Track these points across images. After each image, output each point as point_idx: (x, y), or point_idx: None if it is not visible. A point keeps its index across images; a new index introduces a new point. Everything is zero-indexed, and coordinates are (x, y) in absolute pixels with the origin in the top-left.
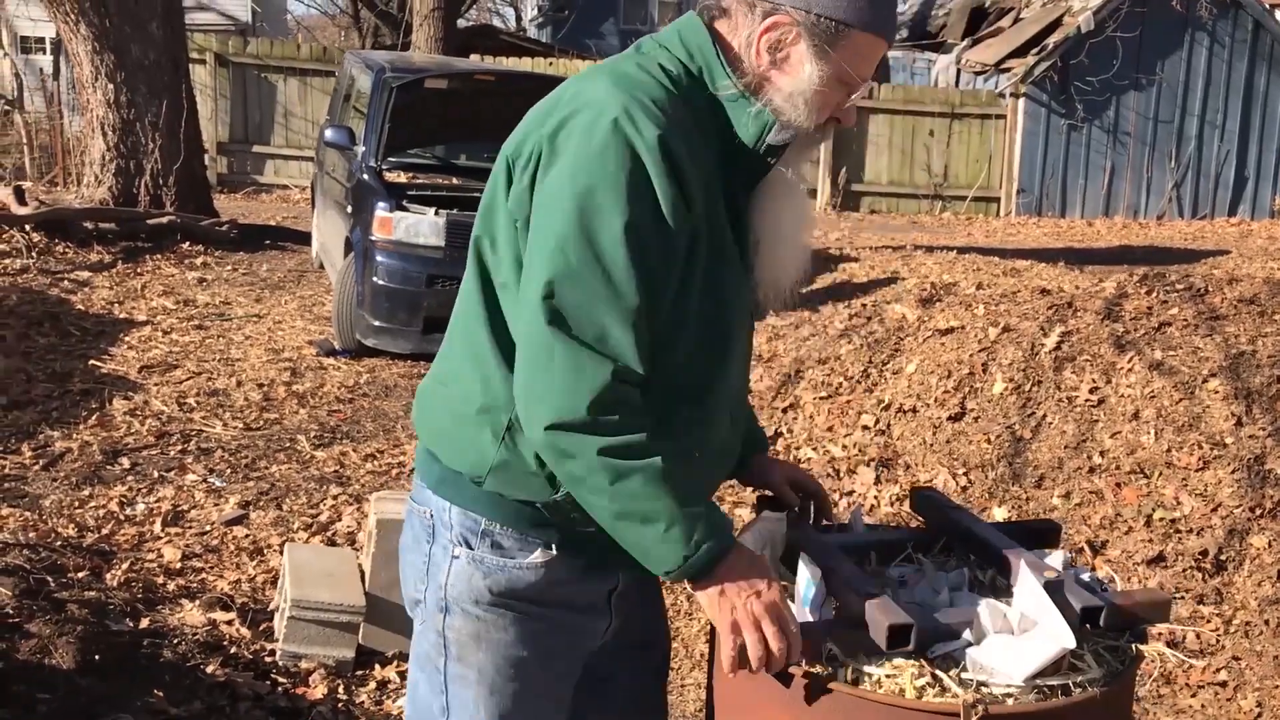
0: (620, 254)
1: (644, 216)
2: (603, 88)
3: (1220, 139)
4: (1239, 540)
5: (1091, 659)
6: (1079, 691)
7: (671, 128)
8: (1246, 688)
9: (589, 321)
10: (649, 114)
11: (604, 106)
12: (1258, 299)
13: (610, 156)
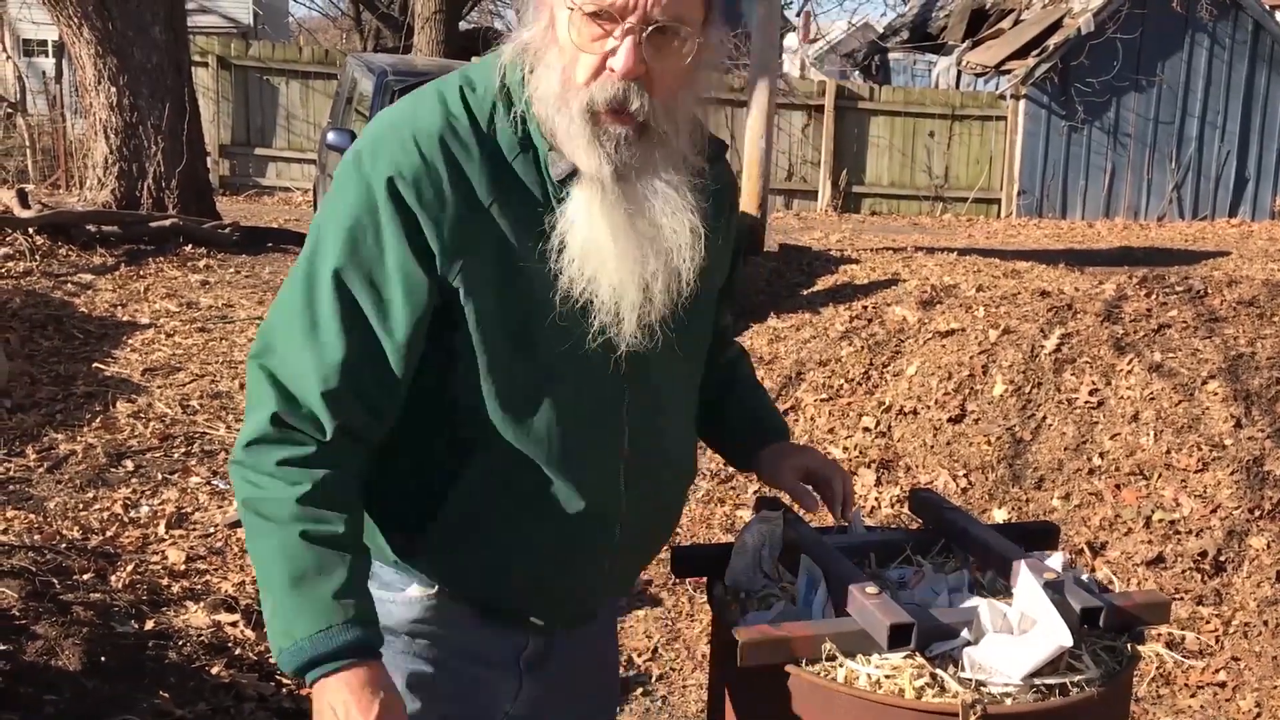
0: (325, 300)
1: (360, 263)
2: (379, 116)
3: (1221, 140)
4: (1238, 541)
5: (1089, 659)
6: (1077, 691)
7: (414, 165)
8: (1245, 688)
9: (282, 362)
10: (391, 150)
11: (361, 139)
12: (1257, 301)
13: (340, 195)
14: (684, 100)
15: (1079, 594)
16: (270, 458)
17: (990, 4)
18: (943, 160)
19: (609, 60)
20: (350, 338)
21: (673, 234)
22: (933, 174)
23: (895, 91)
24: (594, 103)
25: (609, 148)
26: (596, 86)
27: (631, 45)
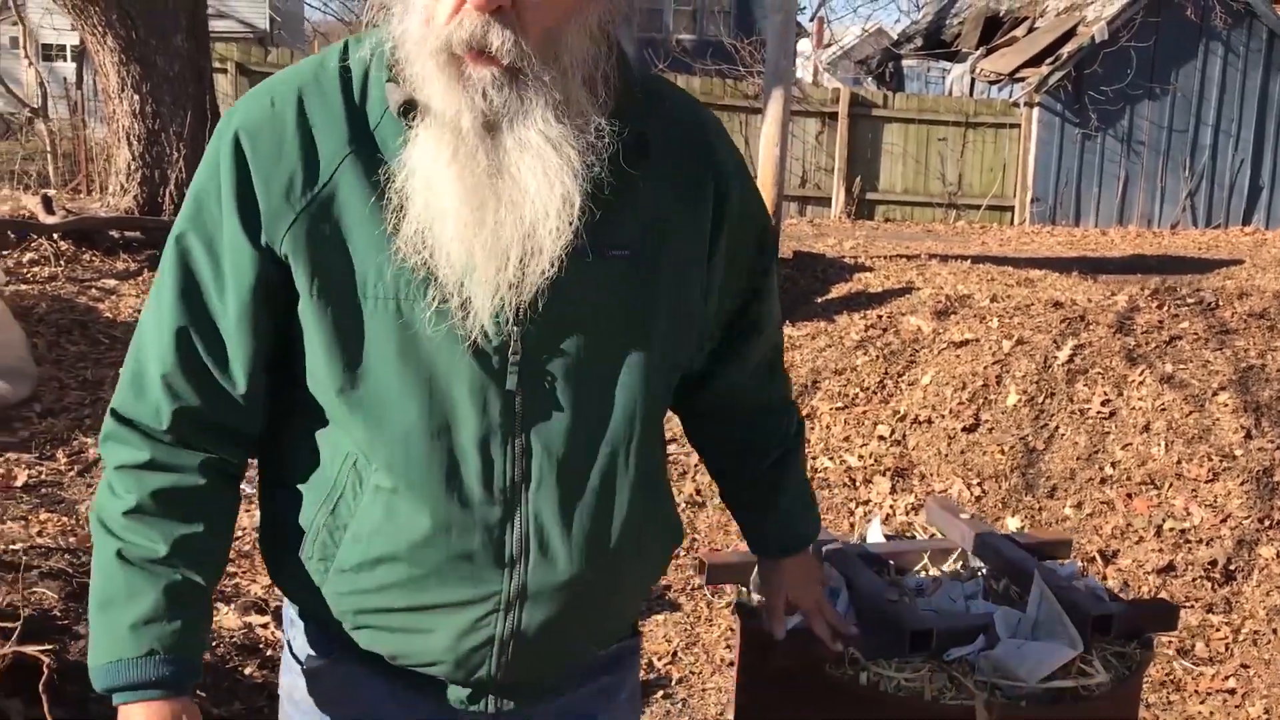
0: (168, 269)
1: (201, 228)
2: None
3: (1235, 148)
4: (1248, 550)
5: (1100, 664)
6: (1087, 695)
7: (260, 117)
8: (1254, 695)
9: (137, 338)
10: (247, 104)
11: None
12: (1267, 313)
13: (206, 156)
14: (570, 35)
15: (1090, 601)
16: (112, 458)
17: (1004, 12)
18: (956, 167)
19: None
20: (187, 310)
21: (539, 198)
22: (946, 181)
23: (909, 99)
24: (450, 42)
25: (473, 93)
26: (455, 24)
27: None
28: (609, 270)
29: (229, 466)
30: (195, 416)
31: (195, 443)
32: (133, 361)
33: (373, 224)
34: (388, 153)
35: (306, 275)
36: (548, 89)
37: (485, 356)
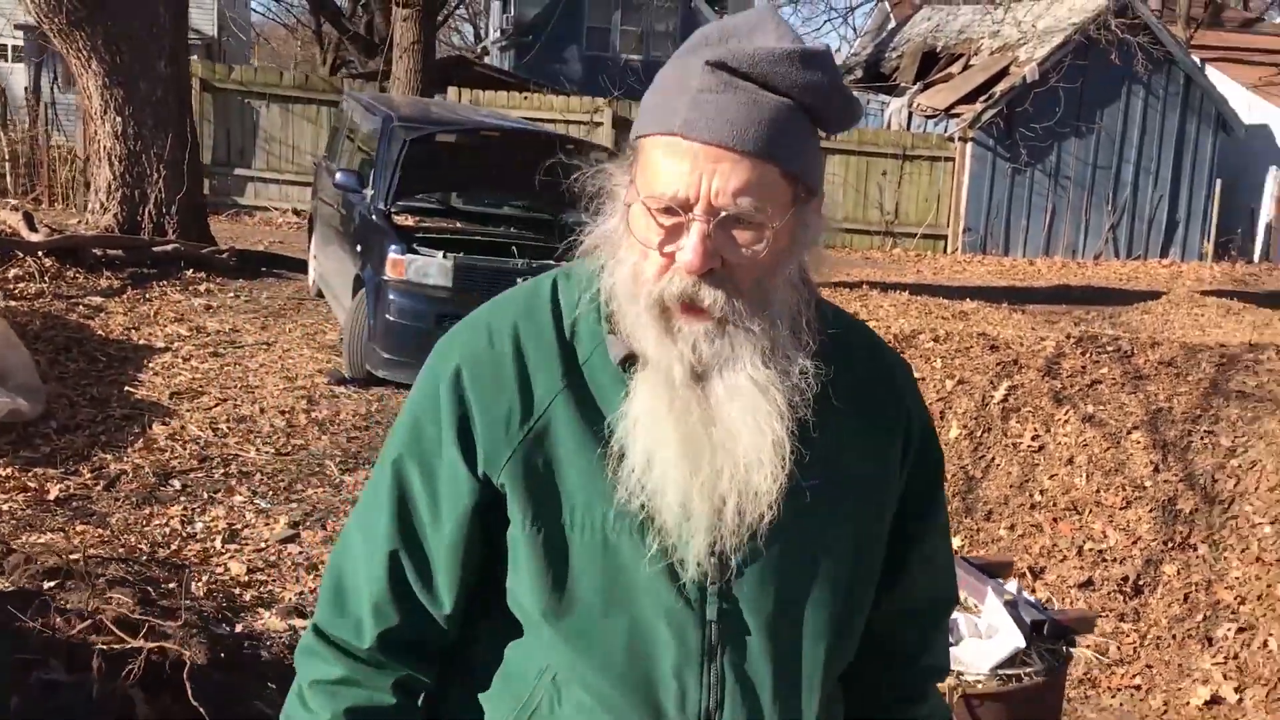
0: (383, 490)
1: (420, 454)
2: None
3: (1154, 185)
4: (1154, 568)
5: (1036, 657)
6: (1028, 679)
7: (478, 353)
8: (1156, 690)
9: (342, 554)
10: (463, 338)
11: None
12: (1175, 361)
13: (416, 383)
14: (778, 285)
15: (1029, 610)
16: (307, 672)
17: (940, 48)
18: (894, 197)
19: (677, 255)
20: (400, 534)
21: (752, 445)
22: (884, 210)
23: (850, 132)
24: (663, 298)
25: (683, 345)
26: (666, 280)
27: (699, 239)
28: (800, 501)
29: (419, 684)
30: (396, 636)
31: (392, 661)
32: (334, 575)
33: (583, 458)
34: (596, 389)
35: (521, 505)
36: (756, 337)
37: (687, 589)
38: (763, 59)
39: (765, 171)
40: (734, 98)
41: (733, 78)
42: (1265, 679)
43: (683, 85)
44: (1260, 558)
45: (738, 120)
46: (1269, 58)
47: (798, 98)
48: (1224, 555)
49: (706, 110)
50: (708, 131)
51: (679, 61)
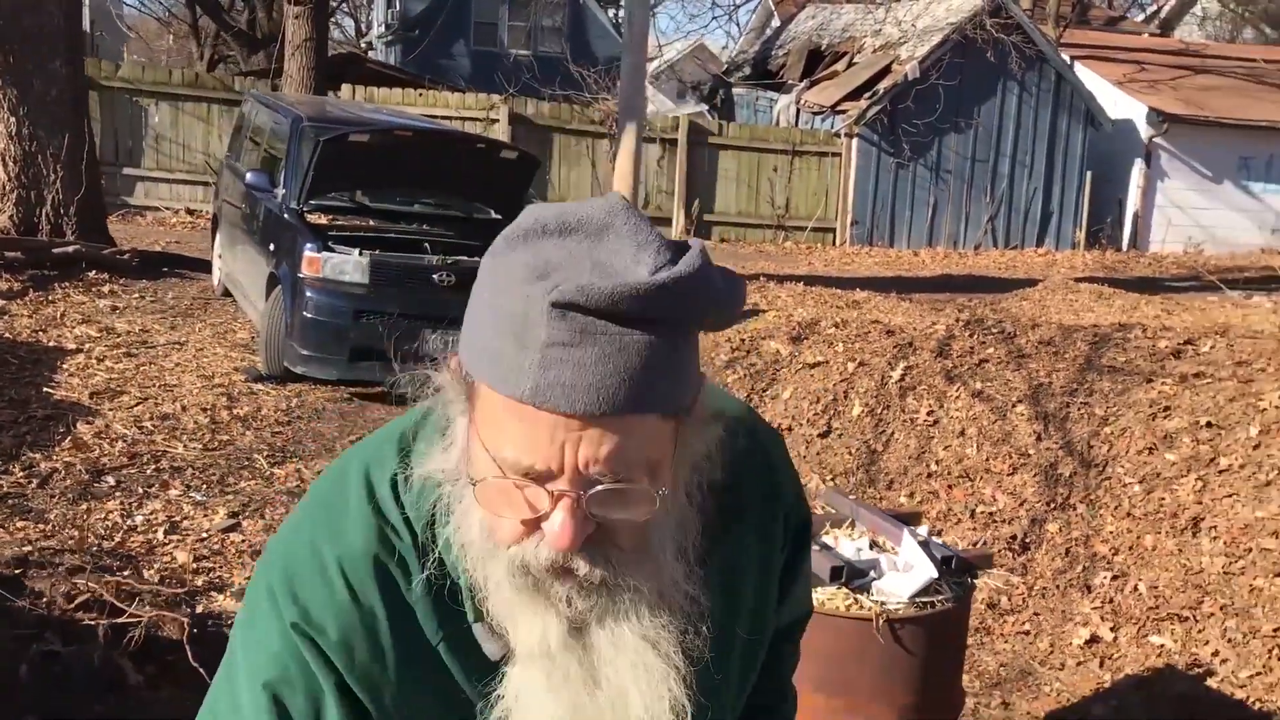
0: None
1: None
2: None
3: (1029, 177)
4: (1039, 527)
5: (947, 587)
6: (940, 605)
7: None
8: (1043, 635)
9: None
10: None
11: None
12: (1053, 341)
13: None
14: (663, 533)
15: (938, 549)
16: None
17: (825, 46)
18: (784, 192)
19: (543, 524)
20: None
21: (644, 710)
22: (775, 205)
23: (742, 128)
24: (528, 566)
25: (557, 605)
26: (531, 548)
27: (567, 514)
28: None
29: None
30: None
31: None
32: None
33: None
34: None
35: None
36: (642, 590)
37: None
38: (625, 297)
39: (642, 425)
40: (592, 351)
41: (590, 321)
42: (1136, 618)
43: (523, 334)
44: (1130, 513)
45: (602, 382)
46: (1132, 55)
47: (670, 328)
48: (1099, 513)
49: (561, 374)
50: (565, 402)
51: (516, 285)
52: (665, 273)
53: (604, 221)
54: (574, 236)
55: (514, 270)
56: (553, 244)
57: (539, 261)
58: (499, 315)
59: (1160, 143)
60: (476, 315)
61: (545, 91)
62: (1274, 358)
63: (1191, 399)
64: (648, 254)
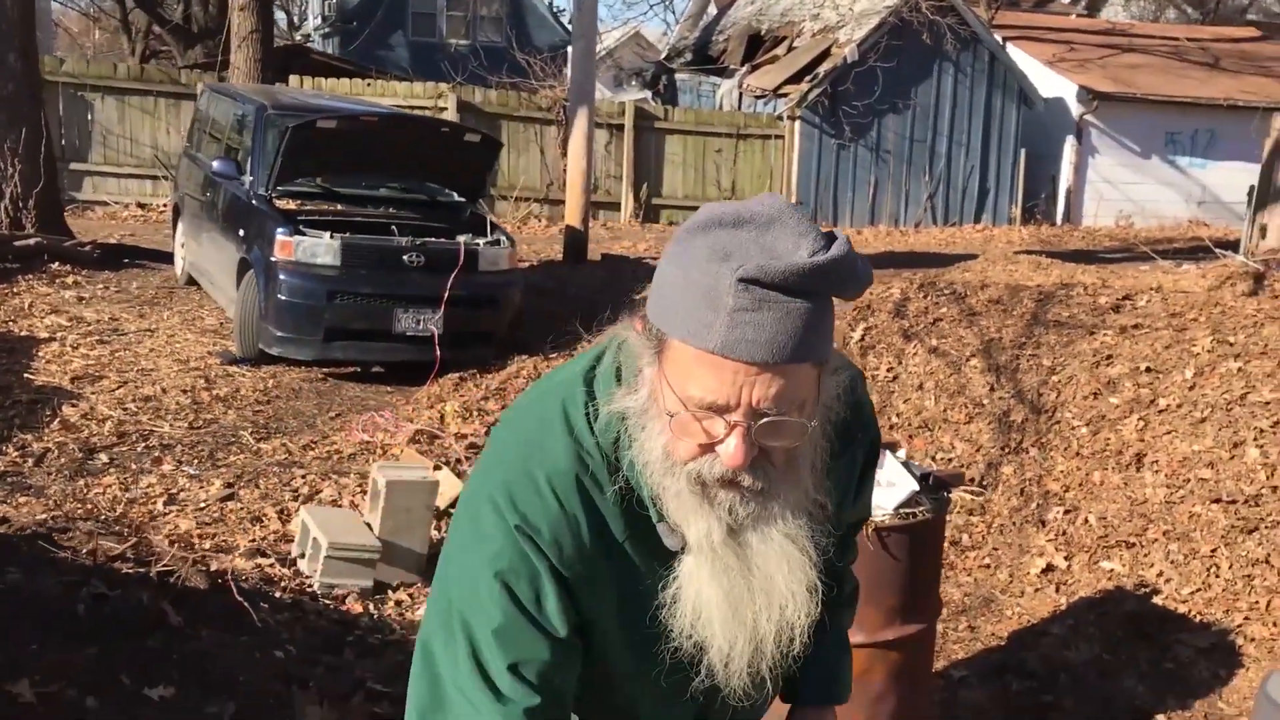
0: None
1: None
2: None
3: (966, 156)
4: (995, 470)
5: (926, 500)
6: (921, 515)
7: (553, 517)
8: (1002, 568)
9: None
10: (528, 497)
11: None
12: (1002, 300)
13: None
14: (804, 454)
15: (917, 469)
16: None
17: (765, 31)
18: (730, 175)
19: (718, 446)
20: (529, 691)
21: (788, 591)
22: (721, 187)
23: (687, 112)
24: (702, 476)
25: (721, 510)
26: (704, 464)
27: (740, 439)
28: None
29: None
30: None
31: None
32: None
33: (650, 600)
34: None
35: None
36: (787, 498)
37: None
38: (793, 274)
39: (799, 372)
40: (769, 315)
41: (766, 293)
42: (1087, 547)
43: (714, 300)
44: (1079, 453)
45: (775, 339)
46: (1061, 35)
47: (824, 297)
48: (1050, 454)
49: (745, 332)
50: (747, 354)
51: (703, 264)
52: (821, 256)
53: (771, 216)
54: (746, 228)
55: (699, 252)
56: (729, 234)
57: (720, 246)
58: (691, 286)
59: (1090, 120)
60: (669, 287)
61: (492, 80)
62: (1204, 309)
63: (1131, 347)
64: (807, 241)
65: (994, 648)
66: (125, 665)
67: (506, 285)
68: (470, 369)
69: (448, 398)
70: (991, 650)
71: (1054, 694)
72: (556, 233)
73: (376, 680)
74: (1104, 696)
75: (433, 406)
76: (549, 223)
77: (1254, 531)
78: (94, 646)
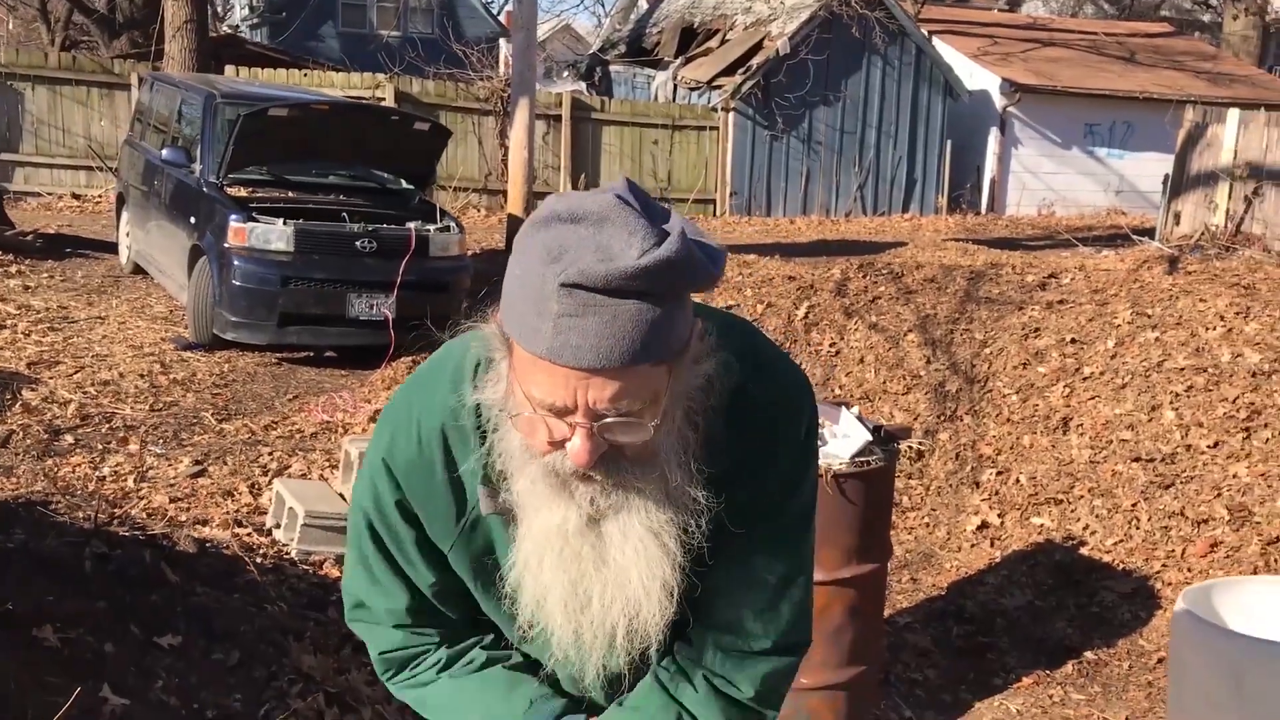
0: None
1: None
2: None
3: (894, 147)
4: (932, 437)
5: (878, 449)
6: (874, 463)
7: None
8: (940, 526)
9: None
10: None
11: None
12: (936, 278)
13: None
14: (664, 443)
15: (869, 421)
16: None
17: (698, 24)
18: (666, 165)
19: (566, 444)
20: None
21: (640, 584)
22: (658, 177)
23: (623, 104)
24: (557, 469)
25: (580, 499)
26: (557, 459)
27: (584, 439)
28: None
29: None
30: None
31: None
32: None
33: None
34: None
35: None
36: (649, 490)
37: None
38: (615, 277)
39: (636, 373)
40: (594, 320)
41: (591, 295)
42: (1019, 505)
43: (541, 305)
44: (1010, 419)
45: (601, 343)
46: (985, 30)
47: (656, 298)
48: (983, 421)
49: (569, 338)
50: (573, 358)
51: (535, 264)
52: (649, 257)
53: (603, 213)
54: (582, 224)
55: (534, 251)
56: (566, 229)
57: (554, 245)
58: (525, 288)
59: (1014, 112)
60: (509, 286)
61: (428, 70)
62: (1124, 285)
63: (1057, 321)
64: (637, 240)
65: (935, 597)
66: (134, 617)
67: (457, 270)
68: (423, 352)
69: (402, 380)
70: (933, 599)
71: (991, 636)
72: (497, 223)
73: None
74: (1037, 637)
75: (389, 389)
76: (488, 213)
77: (1170, 487)
78: (103, 600)
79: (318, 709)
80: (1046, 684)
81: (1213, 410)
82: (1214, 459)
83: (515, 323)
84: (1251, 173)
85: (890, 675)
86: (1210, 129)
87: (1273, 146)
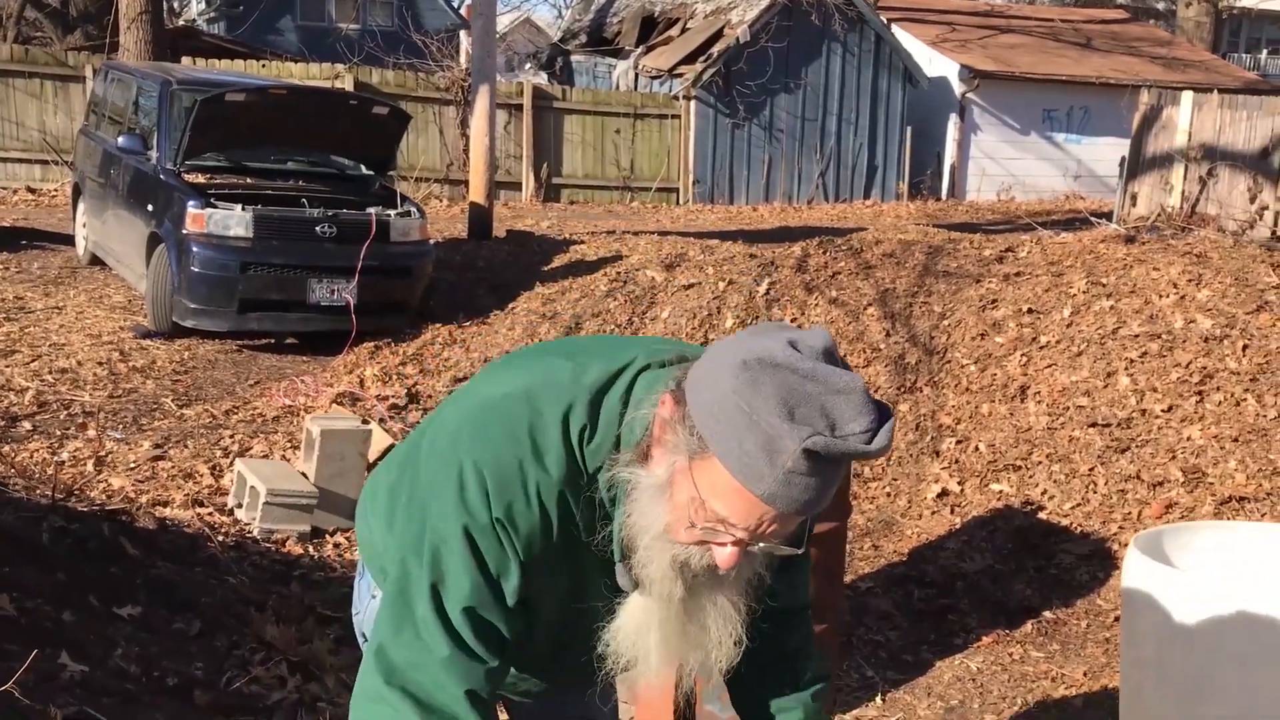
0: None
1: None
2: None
3: (855, 134)
4: (893, 408)
5: None
6: None
7: (531, 522)
8: (902, 495)
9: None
10: (513, 495)
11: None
12: (894, 253)
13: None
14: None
15: None
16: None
17: (659, 13)
18: (629, 154)
19: (714, 547)
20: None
21: (717, 641)
22: (620, 166)
23: (585, 92)
24: (690, 563)
25: (687, 577)
26: (695, 552)
27: (737, 554)
28: None
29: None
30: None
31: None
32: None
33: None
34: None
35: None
36: (743, 572)
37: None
38: (849, 456)
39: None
40: (818, 480)
41: (823, 465)
42: (979, 472)
43: (773, 454)
44: (969, 389)
45: (816, 499)
46: (943, 17)
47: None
48: (942, 391)
49: (794, 491)
50: (788, 508)
51: (769, 415)
52: (876, 444)
53: (839, 385)
54: (814, 384)
55: (769, 399)
56: (799, 384)
57: (788, 397)
58: (754, 429)
59: (972, 98)
60: (730, 413)
61: (388, 61)
62: (1079, 257)
63: (1014, 292)
64: (864, 420)
65: (896, 563)
66: (93, 588)
67: (418, 255)
68: (385, 338)
69: (364, 365)
70: (894, 565)
71: (952, 598)
72: (459, 212)
73: (326, 607)
74: (996, 599)
75: (351, 373)
76: (450, 203)
77: (1126, 451)
78: (61, 572)
79: (280, 677)
80: (1006, 643)
81: (1166, 375)
82: (1168, 423)
83: (732, 453)
84: (1205, 154)
85: (852, 638)
86: (1165, 112)
87: (1225, 129)
